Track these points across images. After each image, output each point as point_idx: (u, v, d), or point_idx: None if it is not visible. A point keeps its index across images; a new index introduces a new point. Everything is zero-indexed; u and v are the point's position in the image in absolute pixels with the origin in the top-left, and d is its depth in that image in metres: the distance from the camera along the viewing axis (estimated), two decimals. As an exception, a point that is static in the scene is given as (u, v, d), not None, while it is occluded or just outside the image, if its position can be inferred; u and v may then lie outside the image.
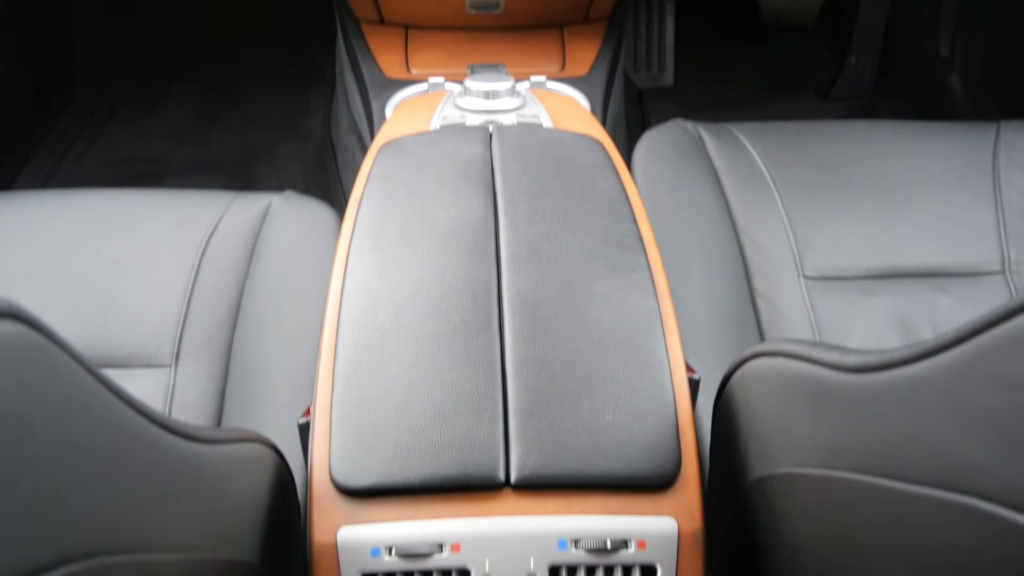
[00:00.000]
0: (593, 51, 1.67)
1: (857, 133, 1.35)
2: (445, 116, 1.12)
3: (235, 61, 2.37)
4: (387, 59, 1.64)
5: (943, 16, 2.14)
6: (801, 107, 2.31)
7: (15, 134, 2.10)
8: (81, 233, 1.17)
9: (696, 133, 1.32)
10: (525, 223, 0.87)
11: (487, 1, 1.61)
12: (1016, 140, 1.33)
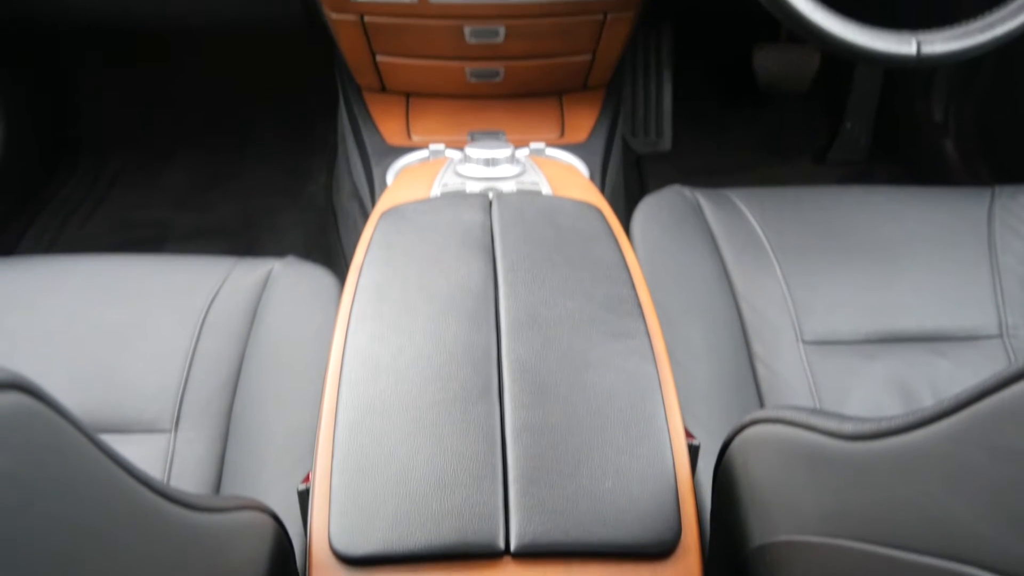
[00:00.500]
0: (592, 118, 1.69)
1: (853, 198, 1.37)
2: (446, 183, 1.13)
3: (238, 127, 2.40)
4: (388, 126, 1.67)
5: (936, 83, 2.18)
6: (798, 171, 2.33)
7: (19, 199, 2.12)
8: (83, 298, 1.18)
9: (694, 199, 1.34)
10: (525, 290, 0.88)
11: (487, 70, 1.63)
12: (1011, 205, 1.34)
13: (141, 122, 2.40)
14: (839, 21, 1.13)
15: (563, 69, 1.66)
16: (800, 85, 2.32)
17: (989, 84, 2.09)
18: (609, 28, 1.56)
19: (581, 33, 1.57)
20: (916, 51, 1.13)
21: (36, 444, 0.44)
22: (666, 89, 2.32)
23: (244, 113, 2.43)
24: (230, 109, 2.43)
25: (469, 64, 1.62)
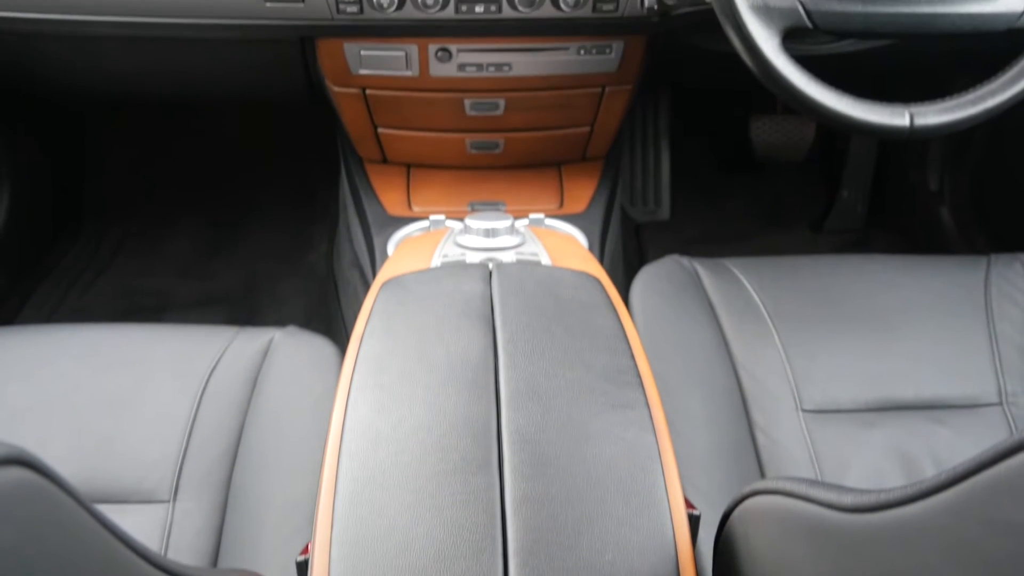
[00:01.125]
0: (590, 189, 1.71)
1: (851, 267, 1.38)
2: (446, 254, 1.14)
3: (240, 196, 2.43)
4: (389, 197, 1.69)
5: (931, 153, 2.21)
6: (795, 240, 2.35)
7: (22, 267, 2.14)
8: (83, 368, 1.19)
9: (692, 268, 1.35)
10: (524, 360, 0.88)
11: (487, 142, 1.66)
12: (1007, 273, 1.35)
13: (144, 189, 2.43)
14: (833, 94, 1.15)
15: (562, 141, 1.69)
16: (796, 155, 2.35)
17: (982, 154, 2.12)
18: (607, 101, 1.58)
19: (580, 106, 1.60)
20: (909, 123, 1.15)
21: (38, 518, 0.44)
22: (664, 159, 2.35)
23: (247, 181, 2.45)
24: (233, 177, 2.45)
25: (469, 136, 1.65)
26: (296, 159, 2.46)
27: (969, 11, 1.13)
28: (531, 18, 1.36)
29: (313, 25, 1.39)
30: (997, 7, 1.14)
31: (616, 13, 1.37)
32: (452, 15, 1.36)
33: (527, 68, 1.48)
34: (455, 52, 1.45)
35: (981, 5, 1.13)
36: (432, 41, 1.43)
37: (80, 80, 1.76)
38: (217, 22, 1.39)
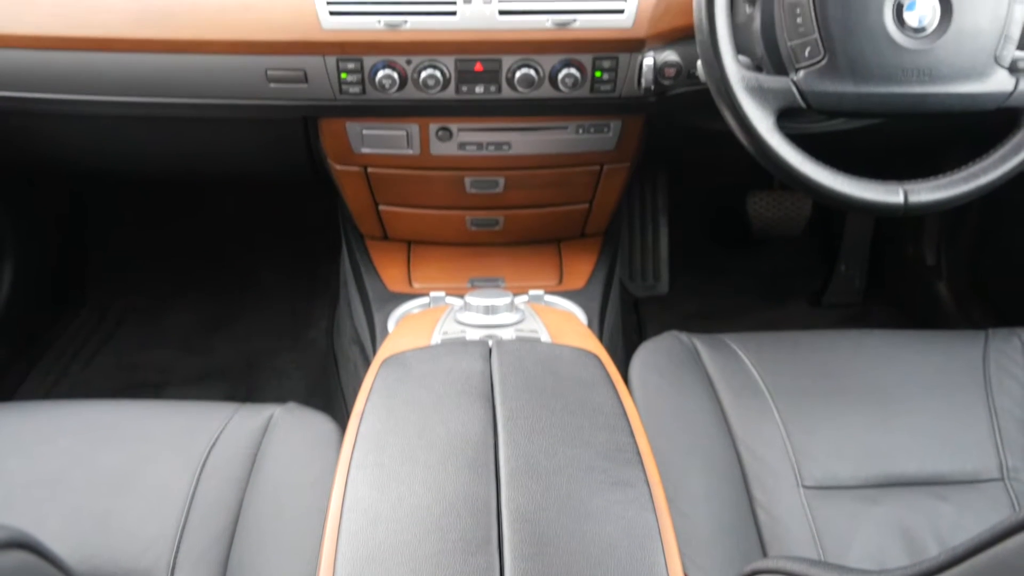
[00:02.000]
0: (589, 265, 1.73)
1: (849, 342, 1.38)
2: (446, 331, 1.15)
3: (242, 270, 2.44)
4: (390, 273, 1.70)
5: (926, 228, 2.23)
6: (794, 314, 2.36)
7: (23, 341, 2.14)
8: (82, 444, 1.18)
9: (691, 344, 1.35)
10: (524, 438, 0.88)
11: (487, 219, 1.68)
12: (1005, 348, 1.36)
13: (147, 263, 2.44)
14: (828, 172, 1.17)
15: (561, 218, 1.70)
16: (794, 230, 2.37)
17: (978, 229, 2.14)
18: (606, 178, 1.60)
19: (578, 184, 1.62)
20: (904, 200, 1.17)
21: None
22: (662, 234, 2.37)
23: (248, 256, 2.47)
24: (235, 251, 2.47)
25: (469, 213, 1.66)
26: (297, 234, 2.48)
27: (959, 91, 1.16)
28: (530, 98, 1.39)
29: (316, 105, 1.42)
30: (987, 87, 1.16)
31: (614, 93, 1.40)
32: (453, 95, 1.38)
33: (526, 147, 1.50)
34: (455, 131, 1.48)
35: (971, 85, 1.16)
36: (433, 120, 1.46)
37: (82, 158, 1.78)
38: (221, 102, 1.41)
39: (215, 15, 1.33)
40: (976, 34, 1.15)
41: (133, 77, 1.38)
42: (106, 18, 1.34)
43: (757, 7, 1.23)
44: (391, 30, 1.31)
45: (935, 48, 1.14)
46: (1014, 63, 1.18)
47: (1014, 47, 1.17)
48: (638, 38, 1.33)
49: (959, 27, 1.14)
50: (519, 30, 1.32)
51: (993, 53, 1.16)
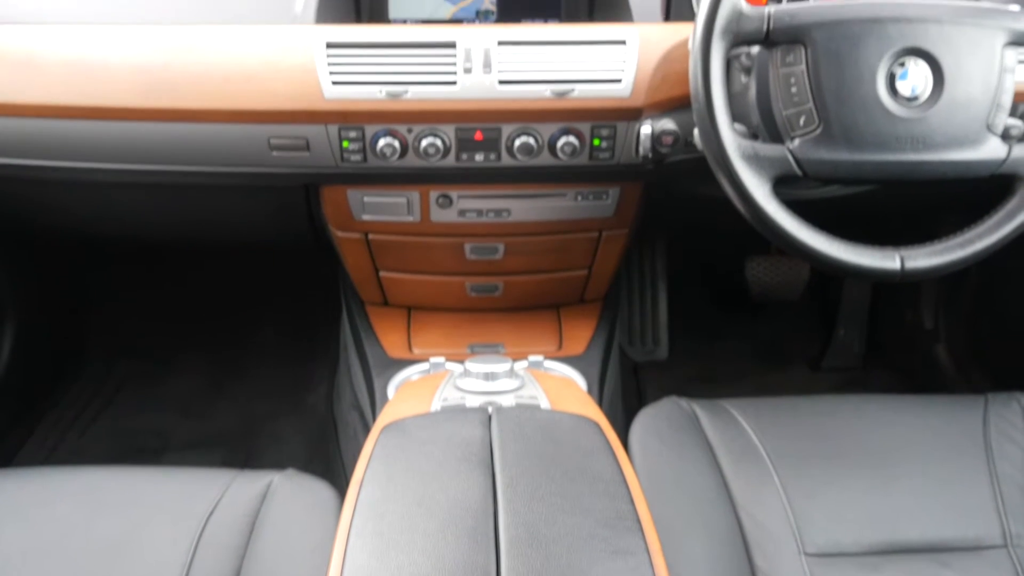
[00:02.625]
0: (589, 330, 1.73)
1: (850, 407, 1.38)
2: (445, 398, 1.15)
3: (242, 334, 2.44)
4: (390, 339, 1.71)
5: (924, 292, 2.24)
6: (793, 379, 2.36)
7: (23, 406, 2.14)
8: (79, 511, 1.18)
9: (690, 410, 1.35)
10: (524, 506, 0.88)
11: (486, 285, 1.69)
12: (1005, 412, 1.36)
13: (147, 327, 2.45)
14: (825, 239, 1.18)
15: (560, 284, 1.71)
16: (792, 294, 2.38)
17: (976, 292, 2.15)
18: (604, 245, 1.62)
19: (577, 250, 1.63)
20: (900, 266, 1.18)
21: None
22: (661, 299, 2.38)
23: (248, 320, 2.47)
24: (235, 315, 2.48)
25: (469, 279, 1.67)
26: (297, 298, 2.49)
27: (953, 159, 1.17)
28: (529, 166, 1.41)
29: (318, 173, 1.43)
30: (980, 154, 1.18)
31: (612, 161, 1.41)
32: (453, 164, 1.40)
33: (526, 214, 1.52)
34: (456, 198, 1.49)
35: (964, 153, 1.17)
36: (433, 188, 1.47)
37: (84, 224, 1.79)
38: (223, 170, 1.43)
39: (220, 85, 1.35)
40: (968, 103, 1.17)
41: (139, 145, 1.40)
42: (114, 87, 1.36)
43: (752, 77, 1.26)
44: (393, 100, 1.33)
45: (928, 116, 1.16)
46: (1006, 131, 1.20)
47: (1006, 115, 1.19)
48: (636, 107, 1.35)
49: (951, 96, 1.16)
50: (518, 99, 1.34)
51: (985, 121, 1.17)
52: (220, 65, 1.35)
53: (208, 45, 1.36)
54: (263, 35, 1.36)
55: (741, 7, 1.15)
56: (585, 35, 1.36)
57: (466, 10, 1.49)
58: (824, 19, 1.15)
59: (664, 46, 1.35)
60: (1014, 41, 1.18)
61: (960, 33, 1.16)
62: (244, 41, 1.36)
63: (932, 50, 1.15)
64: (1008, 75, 1.18)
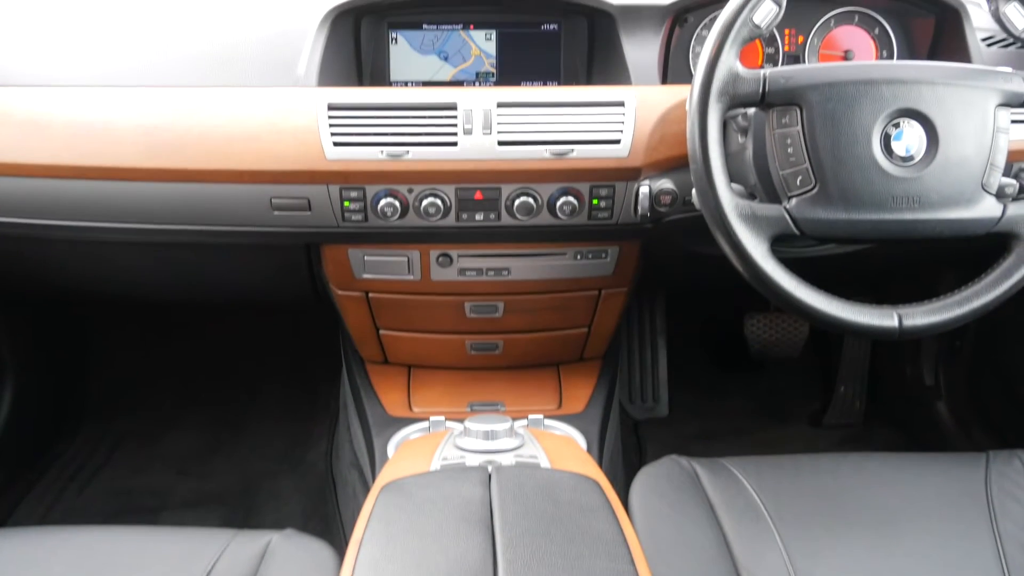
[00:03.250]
0: (588, 388, 1.73)
1: (851, 465, 1.38)
2: (445, 457, 1.15)
3: (241, 392, 2.44)
4: (390, 397, 1.71)
5: (924, 349, 2.24)
6: (794, 436, 2.35)
7: (21, 464, 2.13)
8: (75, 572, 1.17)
9: (691, 469, 1.35)
10: (523, 567, 0.88)
11: (486, 343, 1.69)
12: (1006, 470, 1.35)
13: (145, 385, 2.44)
14: (823, 297, 1.18)
15: (560, 342, 1.72)
16: (792, 351, 2.38)
17: (975, 349, 2.15)
18: (604, 303, 1.62)
19: (577, 308, 1.63)
20: (898, 324, 1.19)
21: None
22: (661, 356, 2.38)
23: (247, 377, 2.47)
24: (234, 373, 2.48)
25: (469, 338, 1.68)
26: (297, 356, 2.49)
27: (949, 217, 1.18)
28: (529, 225, 1.42)
29: (319, 232, 1.44)
30: (976, 213, 1.19)
31: (611, 220, 1.42)
32: (453, 223, 1.41)
33: (525, 272, 1.52)
34: (456, 257, 1.50)
35: (960, 211, 1.18)
36: (434, 247, 1.48)
37: (85, 283, 1.80)
38: (226, 229, 1.44)
39: (223, 145, 1.36)
40: (962, 162, 1.18)
41: (142, 205, 1.41)
42: (118, 148, 1.37)
43: (749, 137, 1.27)
44: (393, 160, 1.34)
45: (923, 176, 1.17)
46: (1001, 189, 1.21)
47: (1000, 174, 1.20)
48: (634, 167, 1.37)
49: (946, 156, 1.17)
50: (518, 160, 1.36)
51: (980, 180, 1.19)
52: (224, 126, 1.37)
53: (212, 106, 1.38)
54: (266, 97, 1.38)
55: (737, 70, 1.17)
56: (584, 96, 1.38)
57: (466, 72, 1.51)
58: (818, 81, 1.17)
59: (662, 107, 1.37)
60: (1006, 102, 1.19)
61: (953, 94, 1.18)
62: (248, 103, 1.38)
63: (926, 111, 1.17)
64: (1001, 135, 1.19)
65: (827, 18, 1.50)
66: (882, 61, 1.49)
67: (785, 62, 1.52)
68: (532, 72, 1.52)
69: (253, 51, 1.46)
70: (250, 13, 1.54)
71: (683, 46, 1.50)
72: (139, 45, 1.50)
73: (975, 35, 1.46)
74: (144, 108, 1.38)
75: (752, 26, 1.18)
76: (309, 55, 1.41)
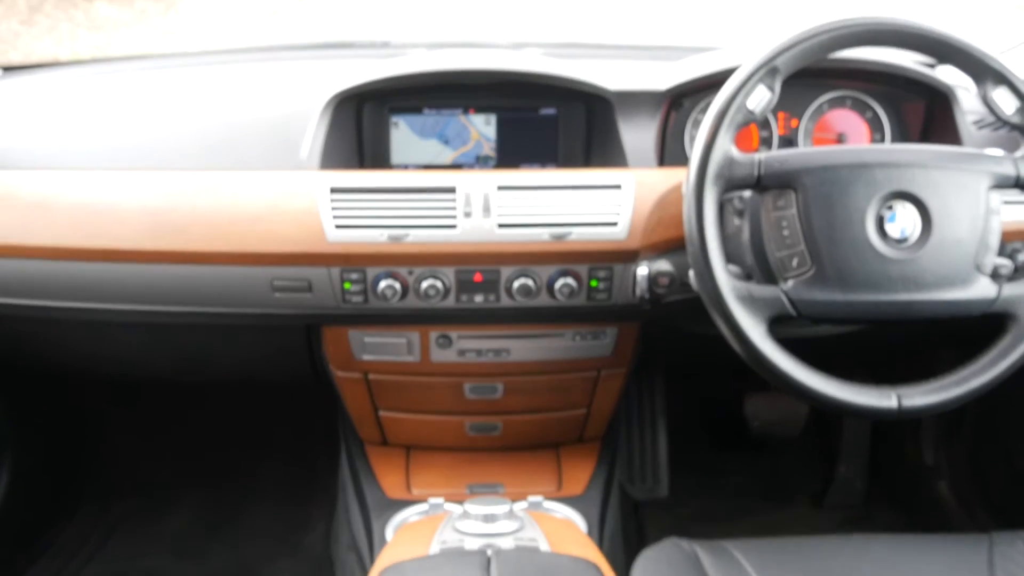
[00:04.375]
0: (588, 470, 1.73)
1: (853, 548, 1.37)
2: (444, 540, 1.14)
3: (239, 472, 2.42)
4: (389, 479, 1.70)
5: (924, 428, 2.23)
6: (795, 516, 2.33)
7: (17, 547, 2.10)
8: None
9: (692, 552, 1.33)
10: None
11: (486, 424, 1.69)
12: (1010, 552, 1.34)
13: (143, 465, 2.42)
14: (821, 378, 1.19)
15: (559, 423, 1.71)
16: (792, 430, 2.37)
17: (975, 427, 2.14)
18: (603, 384, 1.63)
19: (576, 389, 1.64)
20: (897, 405, 1.19)
21: None
22: (661, 436, 2.37)
23: (246, 458, 2.45)
24: (232, 453, 2.46)
25: (468, 419, 1.68)
26: (295, 437, 2.47)
27: (944, 298, 1.19)
28: (528, 307, 1.43)
29: (320, 314, 1.45)
30: (971, 293, 1.20)
31: (609, 302, 1.43)
32: (453, 304, 1.42)
33: (525, 353, 1.53)
34: (455, 339, 1.51)
35: (955, 292, 1.20)
36: (433, 328, 1.49)
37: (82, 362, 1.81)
38: (227, 310, 1.45)
39: (226, 228, 1.38)
40: (956, 244, 1.19)
41: (145, 286, 1.42)
42: (122, 230, 1.39)
43: (745, 219, 1.29)
44: (394, 243, 1.36)
45: (918, 257, 1.18)
46: (995, 270, 1.22)
47: (994, 255, 1.22)
48: (632, 249, 1.38)
49: (940, 237, 1.18)
50: (517, 242, 1.37)
51: (974, 261, 1.20)
52: (226, 209, 1.38)
53: (215, 189, 1.40)
54: (269, 180, 1.40)
55: (732, 154, 1.19)
56: (582, 180, 1.40)
57: (466, 155, 1.53)
58: (813, 165, 1.19)
59: (659, 190, 1.39)
60: (998, 184, 1.21)
61: (946, 177, 1.20)
62: (250, 185, 1.40)
63: (919, 194, 1.19)
64: (994, 216, 1.21)
65: (820, 103, 1.53)
66: (875, 145, 1.52)
67: (780, 145, 1.55)
68: (531, 155, 1.54)
69: (257, 133, 1.49)
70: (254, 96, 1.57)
71: (679, 129, 1.53)
72: (143, 127, 1.52)
73: (965, 118, 1.49)
74: (147, 190, 1.40)
75: (746, 111, 1.21)
76: (312, 138, 1.43)
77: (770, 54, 1.21)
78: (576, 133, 1.52)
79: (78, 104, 1.60)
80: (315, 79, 1.57)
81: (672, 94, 1.50)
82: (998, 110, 1.23)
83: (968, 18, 2.24)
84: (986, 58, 1.23)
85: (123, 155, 1.48)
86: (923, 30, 1.23)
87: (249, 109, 1.54)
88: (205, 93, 1.59)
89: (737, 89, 1.20)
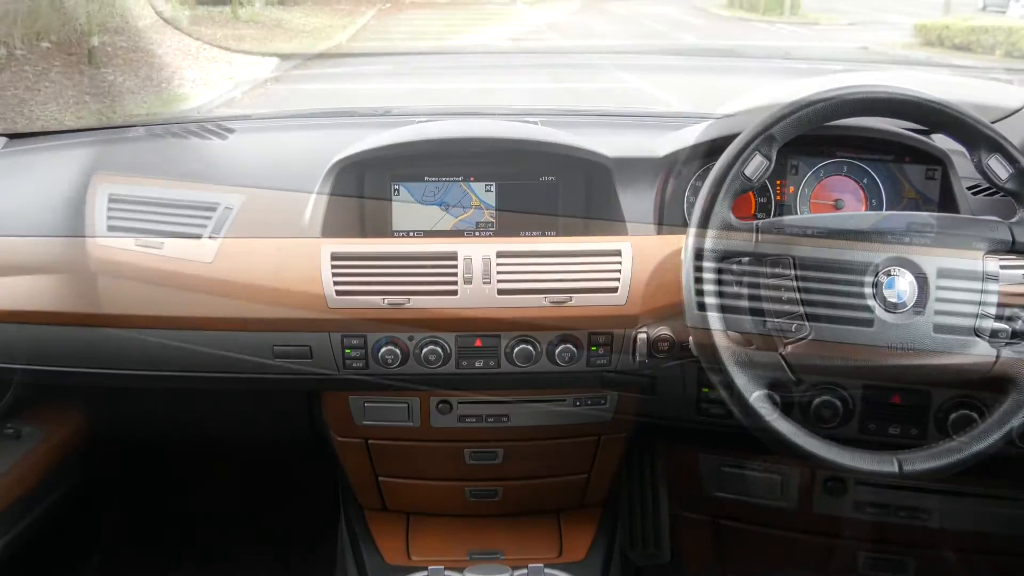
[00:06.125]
0: (589, 536, 1.71)
1: None
2: (446, 609, 1.13)
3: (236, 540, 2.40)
4: (388, 546, 1.68)
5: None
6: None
7: None
8: None
9: None
10: None
11: (486, 490, 1.68)
12: None
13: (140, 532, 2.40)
14: (822, 444, 1.19)
15: (560, 488, 1.71)
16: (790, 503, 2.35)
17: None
18: (603, 449, 1.62)
19: (576, 455, 1.63)
20: (898, 469, 1.19)
21: None
22: (662, 502, 2.35)
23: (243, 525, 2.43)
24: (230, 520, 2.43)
25: (468, 484, 1.67)
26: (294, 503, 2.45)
27: (942, 363, 1.19)
28: (528, 372, 1.43)
29: (320, 379, 1.45)
30: (970, 358, 1.20)
31: (609, 366, 1.44)
32: (453, 370, 1.42)
33: (525, 418, 1.53)
34: (455, 404, 1.51)
35: (954, 357, 1.20)
36: (434, 394, 1.49)
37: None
38: (228, 375, 1.45)
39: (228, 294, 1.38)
40: (954, 309, 1.20)
41: (145, 352, 1.43)
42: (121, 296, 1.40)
43: (744, 285, 1.30)
44: (395, 308, 1.36)
45: (916, 323, 1.19)
46: (993, 334, 1.22)
47: (991, 320, 1.22)
48: (631, 315, 1.39)
49: (937, 303, 1.19)
50: (517, 308, 1.38)
51: (972, 326, 1.21)
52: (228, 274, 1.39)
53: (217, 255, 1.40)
54: (271, 246, 1.41)
55: (730, 220, 1.20)
56: (581, 246, 1.41)
57: (466, 222, 1.54)
58: (810, 232, 1.20)
59: (658, 256, 1.40)
60: (994, 249, 1.22)
61: (942, 243, 1.21)
62: (253, 252, 1.40)
63: (916, 260, 1.20)
64: (991, 281, 1.22)
65: (816, 169, 1.55)
66: (871, 212, 1.53)
67: (777, 211, 1.56)
68: (530, 222, 1.55)
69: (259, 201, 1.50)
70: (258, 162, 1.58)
71: (678, 193, 1.54)
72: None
73: (961, 184, 1.50)
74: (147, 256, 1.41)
75: (744, 179, 1.23)
76: (314, 205, 1.44)
77: (767, 123, 1.23)
78: (575, 199, 1.54)
79: (78, 170, 1.60)
80: (318, 146, 1.58)
81: (670, 161, 1.52)
82: (993, 176, 1.25)
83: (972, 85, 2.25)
84: (980, 126, 1.24)
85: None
86: (917, 99, 1.25)
87: (252, 175, 1.55)
88: (209, 158, 1.61)
89: (735, 157, 1.22)
